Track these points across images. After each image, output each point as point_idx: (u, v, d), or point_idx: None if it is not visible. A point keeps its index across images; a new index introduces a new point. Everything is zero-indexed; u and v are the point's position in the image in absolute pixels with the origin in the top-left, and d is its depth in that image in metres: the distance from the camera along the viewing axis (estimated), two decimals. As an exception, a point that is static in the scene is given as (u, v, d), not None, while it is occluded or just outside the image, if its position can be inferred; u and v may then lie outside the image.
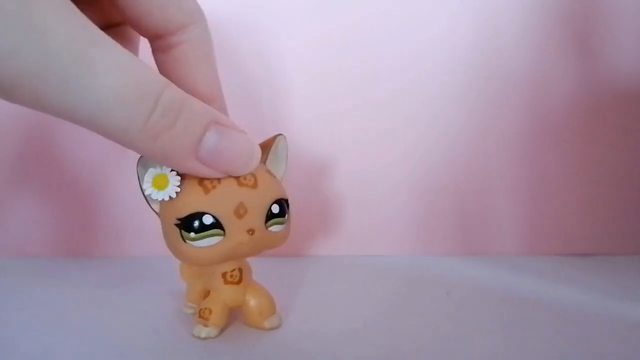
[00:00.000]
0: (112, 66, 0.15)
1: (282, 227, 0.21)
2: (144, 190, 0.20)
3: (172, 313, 0.25)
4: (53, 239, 0.36)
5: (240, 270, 0.22)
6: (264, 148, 0.21)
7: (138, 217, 0.34)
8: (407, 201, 0.36)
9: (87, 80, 0.15)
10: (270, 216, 0.20)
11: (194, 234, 0.19)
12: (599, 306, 0.26)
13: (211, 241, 0.19)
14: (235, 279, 0.22)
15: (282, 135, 0.22)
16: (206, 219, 0.19)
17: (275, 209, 0.20)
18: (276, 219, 0.20)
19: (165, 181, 0.19)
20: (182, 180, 0.20)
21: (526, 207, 0.36)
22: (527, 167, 0.36)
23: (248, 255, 0.21)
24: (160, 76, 0.17)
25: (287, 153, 0.23)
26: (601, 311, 0.25)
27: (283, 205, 0.21)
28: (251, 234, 0.20)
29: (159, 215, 0.20)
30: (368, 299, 0.28)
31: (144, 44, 0.21)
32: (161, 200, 0.20)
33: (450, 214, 0.36)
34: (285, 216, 0.21)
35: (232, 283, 0.22)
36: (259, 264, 0.24)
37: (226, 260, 0.20)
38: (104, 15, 0.19)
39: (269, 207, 0.20)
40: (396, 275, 0.32)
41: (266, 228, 0.20)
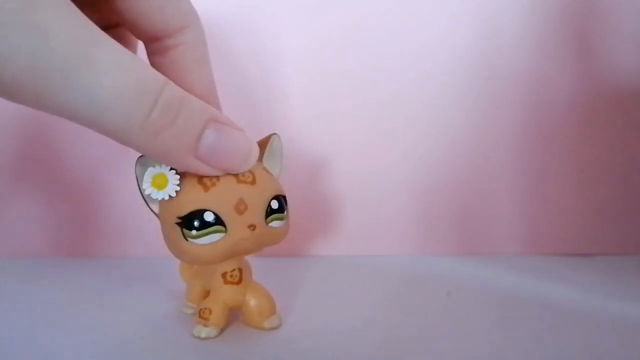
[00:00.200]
0: (113, 65, 0.15)
1: (282, 223, 0.21)
2: (144, 190, 0.20)
3: (172, 313, 0.25)
4: (53, 239, 0.36)
5: (240, 270, 0.22)
6: (260, 147, 0.21)
7: (138, 217, 0.34)
8: (407, 201, 0.36)
9: (88, 79, 0.15)
10: (270, 212, 0.20)
11: (196, 232, 0.19)
12: (599, 306, 0.26)
13: (213, 238, 0.19)
14: (235, 279, 0.22)
15: (277, 134, 0.22)
16: (207, 216, 0.19)
17: (274, 205, 0.21)
18: (276, 215, 0.21)
19: (164, 180, 0.19)
20: (181, 179, 0.20)
21: (526, 207, 0.36)
22: (527, 167, 0.36)
23: (249, 251, 0.21)
24: (159, 74, 0.17)
25: (282, 152, 0.23)
26: (601, 311, 0.25)
27: (282, 201, 0.21)
28: (252, 230, 0.20)
29: (158, 215, 0.20)
30: (368, 299, 0.28)
31: (141, 48, 0.21)
32: (161, 199, 0.20)
33: (450, 214, 0.36)
34: (284, 212, 0.21)
35: (232, 283, 0.22)
36: (259, 264, 0.24)
37: (228, 257, 0.20)
38: (102, 17, 0.19)
39: (269, 203, 0.20)
40: (396, 275, 0.32)
41: (266, 224, 0.20)
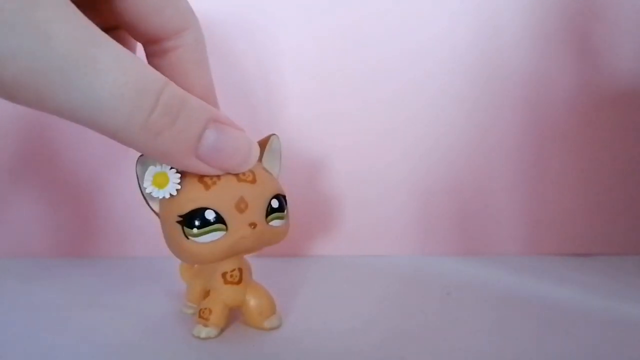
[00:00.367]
0: (114, 65, 0.15)
1: (282, 222, 0.21)
2: (144, 189, 0.20)
3: (172, 313, 0.25)
4: (53, 239, 0.36)
5: (240, 270, 0.22)
6: (259, 147, 0.21)
7: (138, 217, 0.34)
8: (407, 201, 0.36)
9: (89, 79, 0.15)
10: (270, 211, 0.20)
11: (197, 230, 0.19)
12: (599, 306, 0.26)
13: (214, 236, 0.19)
14: (235, 279, 0.22)
15: (276, 134, 0.22)
16: (208, 214, 0.19)
17: (275, 204, 0.21)
18: (276, 214, 0.21)
19: (165, 179, 0.20)
20: (182, 177, 0.20)
21: (526, 207, 0.36)
22: (527, 167, 0.36)
23: (250, 250, 0.21)
24: (160, 75, 0.17)
25: (282, 152, 0.23)
26: (601, 311, 0.25)
27: (282, 200, 0.21)
28: (253, 228, 0.20)
29: (158, 214, 0.21)
30: (368, 299, 0.28)
31: (140, 50, 0.21)
32: (161, 198, 0.20)
33: (450, 214, 0.36)
34: (284, 211, 0.21)
35: (232, 283, 0.22)
36: (259, 264, 0.24)
37: (228, 256, 0.20)
38: (101, 19, 0.19)
39: (269, 202, 0.20)
40: (396, 275, 0.32)
41: (267, 223, 0.20)
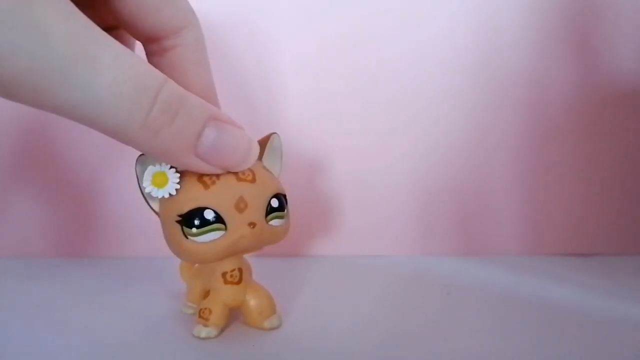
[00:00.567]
0: (112, 63, 0.15)
1: (282, 222, 0.21)
2: (144, 188, 0.20)
3: (172, 313, 0.25)
4: (53, 239, 0.36)
5: (240, 270, 0.22)
6: (260, 146, 0.21)
7: (138, 217, 0.34)
8: (407, 201, 0.36)
9: (88, 77, 0.15)
10: (270, 210, 0.20)
11: (196, 230, 0.19)
12: (599, 306, 0.26)
13: (213, 236, 0.19)
14: (235, 279, 0.22)
15: (276, 133, 0.22)
16: (207, 214, 0.19)
17: (274, 203, 0.21)
18: (276, 213, 0.21)
19: (164, 178, 0.20)
20: (181, 177, 0.20)
21: (526, 207, 0.36)
22: (527, 167, 0.36)
23: (249, 250, 0.21)
24: (158, 72, 0.17)
25: (282, 151, 0.23)
26: (601, 311, 0.25)
27: (282, 199, 0.21)
28: (252, 227, 0.20)
29: (158, 214, 0.21)
30: (368, 299, 0.28)
31: (140, 49, 0.21)
32: (161, 197, 0.20)
33: (450, 214, 0.36)
34: (284, 210, 0.21)
35: (232, 283, 0.22)
36: (259, 264, 0.24)
37: (228, 255, 0.20)
38: (100, 18, 0.19)
39: (269, 201, 0.20)
40: (396, 275, 0.32)
41: (266, 222, 0.20)
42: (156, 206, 0.20)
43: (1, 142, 0.35)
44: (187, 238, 0.19)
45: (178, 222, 0.20)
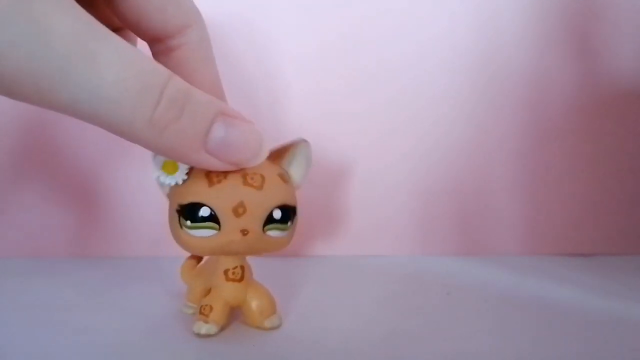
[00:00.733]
0: (115, 59, 0.15)
1: (282, 234, 0.21)
2: (153, 172, 0.20)
3: (172, 313, 0.25)
4: (53, 239, 0.36)
5: (242, 267, 0.22)
6: (284, 150, 0.21)
7: (138, 217, 0.34)
8: (407, 201, 0.36)
9: (90, 74, 0.14)
10: (270, 220, 0.20)
11: (190, 223, 0.20)
12: (599, 306, 0.26)
13: (205, 233, 0.20)
14: (237, 277, 0.22)
15: (306, 141, 0.22)
16: (204, 211, 0.19)
17: (276, 214, 0.20)
18: (276, 225, 0.20)
19: (174, 167, 0.20)
20: (191, 169, 0.20)
21: (526, 207, 0.36)
22: (527, 167, 0.36)
23: (242, 253, 0.21)
24: (163, 68, 0.16)
25: (309, 160, 0.22)
26: (601, 311, 0.25)
27: (287, 212, 0.21)
28: (244, 234, 0.20)
29: (168, 199, 0.21)
30: (368, 299, 0.28)
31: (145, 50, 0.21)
32: (168, 184, 0.20)
33: (450, 214, 0.36)
34: (287, 223, 0.21)
35: (234, 280, 0.22)
36: (259, 264, 0.24)
37: (219, 254, 0.21)
38: (103, 18, 0.19)
39: (271, 211, 0.20)
40: (396, 275, 0.32)
41: (264, 231, 0.20)
42: (166, 191, 0.21)
43: (1, 141, 0.35)
44: (182, 228, 0.20)
45: (177, 212, 0.20)
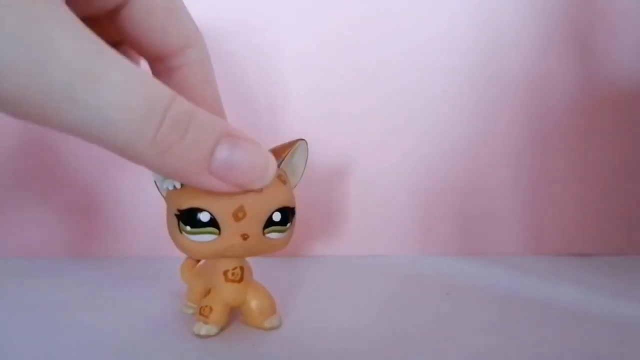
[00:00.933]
0: (119, 80, 0.15)
1: (281, 236, 0.21)
2: (153, 175, 0.20)
3: (172, 313, 0.25)
4: (53, 239, 0.36)
5: (242, 268, 0.22)
6: (282, 151, 0.21)
7: (138, 217, 0.34)
8: (407, 201, 0.36)
9: (94, 94, 0.14)
10: (270, 223, 0.20)
11: (190, 228, 0.20)
12: (599, 306, 0.26)
13: (205, 238, 0.20)
14: (236, 277, 0.22)
15: (304, 140, 0.22)
16: (203, 216, 0.19)
17: (276, 217, 0.20)
18: (276, 227, 0.20)
19: None
20: None
21: (526, 207, 0.36)
22: (527, 167, 0.36)
23: (242, 256, 0.21)
24: (167, 89, 0.16)
25: (307, 159, 0.23)
26: (601, 311, 0.25)
27: (287, 214, 0.21)
28: (245, 239, 0.20)
29: (166, 201, 0.21)
30: (368, 299, 0.28)
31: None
32: (166, 188, 0.20)
33: (450, 214, 0.36)
34: (286, 225, 0.21)
35: (234, 281, 0.22)
36: (259, 264, 0.24)
37: (218, 257, 0.21)
38: (105, 36, 0.19)
39: (271, 214, 0.20)
40: (396, 275, 0.32)
41: (264, 234, 0.20)
42: (164, 194, 0.21)
43: (3, 143, 0.35)
44: (181, 233, 0.20)
45: (176, 216, 0.20)
